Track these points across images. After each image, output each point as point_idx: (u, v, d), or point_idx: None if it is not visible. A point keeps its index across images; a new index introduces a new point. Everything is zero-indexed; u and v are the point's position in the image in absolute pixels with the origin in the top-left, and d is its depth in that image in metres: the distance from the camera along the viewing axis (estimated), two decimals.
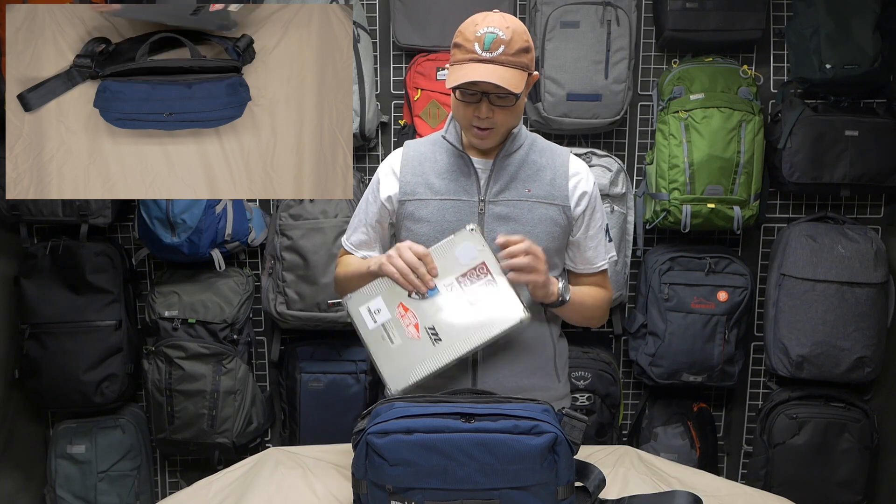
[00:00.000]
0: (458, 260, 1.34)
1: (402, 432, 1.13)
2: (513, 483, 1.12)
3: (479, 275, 1.33)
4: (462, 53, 1.39)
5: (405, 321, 1.33)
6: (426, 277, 1.33)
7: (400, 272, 1.32)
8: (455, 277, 1.33)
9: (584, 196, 1.53)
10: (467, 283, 1.33)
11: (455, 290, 1.33)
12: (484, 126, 1.43)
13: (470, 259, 1.34)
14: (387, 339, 1.33)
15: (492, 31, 1.37)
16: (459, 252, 1.34)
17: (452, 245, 1.35)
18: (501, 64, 1.36)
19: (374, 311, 1.34)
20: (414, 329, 1.32)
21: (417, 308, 1.33)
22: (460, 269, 1.34)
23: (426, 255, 1.34)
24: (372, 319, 1.34)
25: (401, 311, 1.34)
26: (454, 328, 1.32)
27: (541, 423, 1.14)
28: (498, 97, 1.40)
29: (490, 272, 1.33)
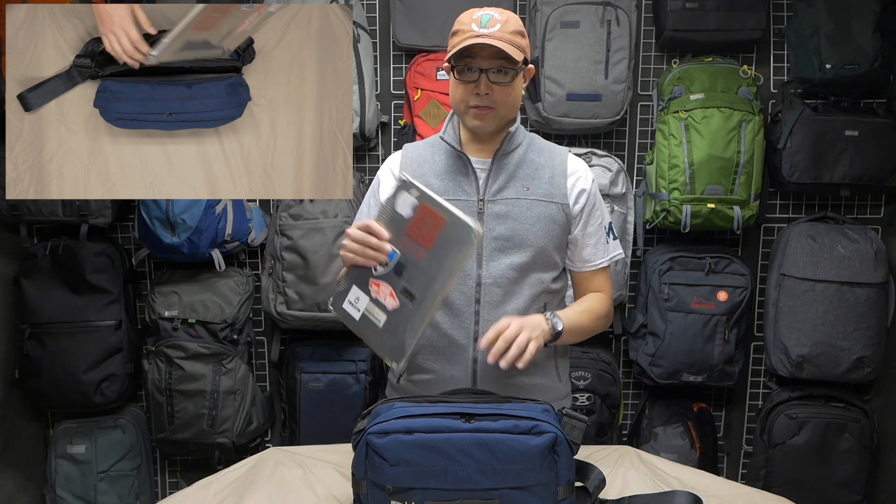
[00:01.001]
0: (402, 215, 1.33)
1: (402, 432, 1.13)
2: (513, 483, 1.12)
3: (424, 218, 1.31)
4: (459, 36, 1.43)
5: (381, 297, 1.34)
6: (380, 246, 1.31)
7: (356, 252, 1.32)
8: (405, 232, 1.32)
9: (582, 193, 1.53)
10: (417, 230, 1.32)
11: (410, 243, 1.32)
12: (483, 104, 1.43)
13: (411, 209, 1.32)
14: (373, 320, 1.35)
15: (487, 13, 1.42)
16: (399, 207, 1.33)
17: (391, 204, 1.34)
18: (499, 39, 1.39)
19: (353, 302, 1.37)
20: (391, 299, 1.33)
21: (386, 278, 1.34)
22: (407, 223, 1.32)
23: (370, 226, 1.32)
24: (355, 310, 1.36)
25: (374, 288, 1.35)
26: (421, 278, 1.31)
27: (541, 422, 1.13)
28: (495, 72, 1.41)
29: (433, 210, 1.30)
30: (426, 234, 1.31)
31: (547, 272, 1.51)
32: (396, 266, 1.33)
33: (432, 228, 1.31)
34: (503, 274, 1.47)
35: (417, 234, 1.32)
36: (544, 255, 1.49)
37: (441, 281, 1.30)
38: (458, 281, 1.47)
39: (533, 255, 1.48)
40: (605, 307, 1.57)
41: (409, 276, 1.32)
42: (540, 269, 1.50)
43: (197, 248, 2.36)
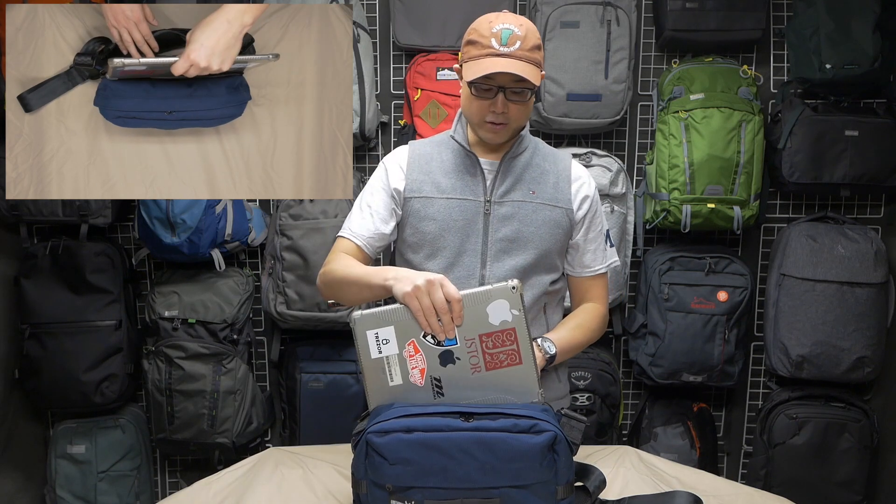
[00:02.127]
0: (488, 316, 1.19)
1: (401, 431, 1.13)
2: (512, 482, 1.12)
3: (504, 341, 1.19)
4: (478, 49, 1.40)
5: (412, 363, 1.21)
6: (449, 326, 1.18)
7: (424, 311, 1.18)
8: (478, 334, 1.20)
9: (585, 200, 1.54)
10: (489, 344, 1.20)
11: (474, 346, 1.20)
12: (499, 121, 1.43)
13: (500, 321, 1.19)
14: (387, 373, 1.22)
15: (508, 28, 1.39)
16: (492, 308, 1.19)
17: (487, 297, 1.20)
18: (519, 58, 1.38)
19: (381, 340, 1.21)
20: (419, 374, 1.21)
21: (429, 353, 1.20)
22: (486, 328, 1.19)
23: (458, 301, 1.18)
24: (377, 349, 1.21)
25: (410, 349, 1.21)
26: (460, 389, 1.21)
27: (540, 421, 1.14)
28: (514, 92, 1.41)
29: (517, 341, 1.19)
30: (495, 357, 1.20)
31: (548, 274, 1.52)
32: (445, 353, 1.20)
33: (504, 358, 1.20)
34: (506, 275, 1.47)
35: (486, 349, 1.20)
36: (547, 258, 1.50)
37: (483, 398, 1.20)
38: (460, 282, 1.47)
39: (536, 257, 1.48)
40: (599, 319, 1.56)
41: (450, 375, 1.21)
42: (542, 272, 1.51)
43: (197, 248, 2.36)
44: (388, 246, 1.57)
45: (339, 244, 1.52)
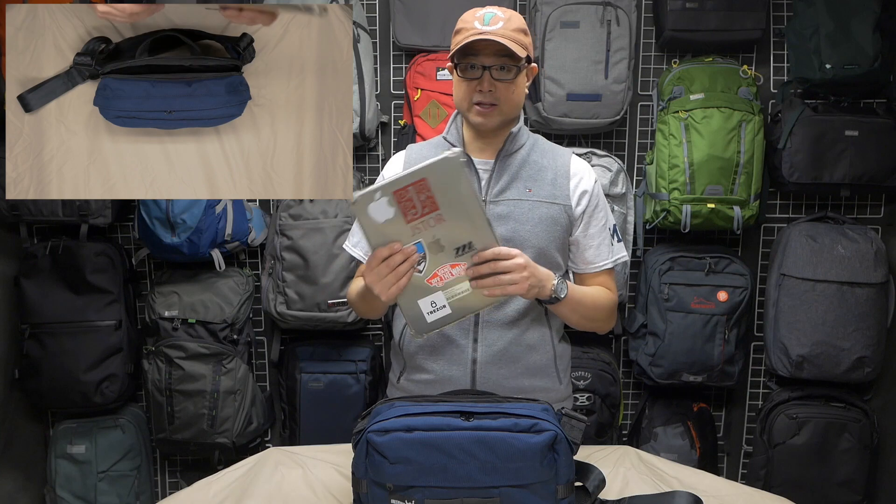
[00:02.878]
0: (389, 219, 1.22)
1: (402, 430, 1.13)
2: (513, 481, 1.12)
3: (408, 198, 1.21)
4: (462, 35, 1.43)
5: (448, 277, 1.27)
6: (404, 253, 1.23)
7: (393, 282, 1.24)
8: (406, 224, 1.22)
9: (584, 195, 1.53)
10: (413, 212, 1.22)
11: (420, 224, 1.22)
12: (486, 100, 1.43)
13: (388, 206, 1.22)
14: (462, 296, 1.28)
15: (490, 11, 1.43)
16: (378, 217, 1.23)
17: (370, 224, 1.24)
18: (502, 36, 1.39)
19: (433, 309, 1.29)
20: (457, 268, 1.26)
21: (434, 264, 1.26)
22: (400, 218, 1.22)
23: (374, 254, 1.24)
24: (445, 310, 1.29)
25: (436, 281, 1.27)
26: (461, 229, 1.24)
27: (540, 421, 1.14)
28: (498, 69, 1.41)
29: (408, 186, 1.20)
30: (424, 203, 1.21)
31: None
32: (430, 247, 1.24)
33: (423, 194, 1.20)
34: None
35: (417, 213, 1.22)
36: (546, 257, 1.49)
37: (474, 213, 1.23)
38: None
39: (535, 256, 1.48)
40: (610, 300, 1.56)
41: (448, 240, 1.24)
42: None
43: (197, 248, 2.36)
44: None
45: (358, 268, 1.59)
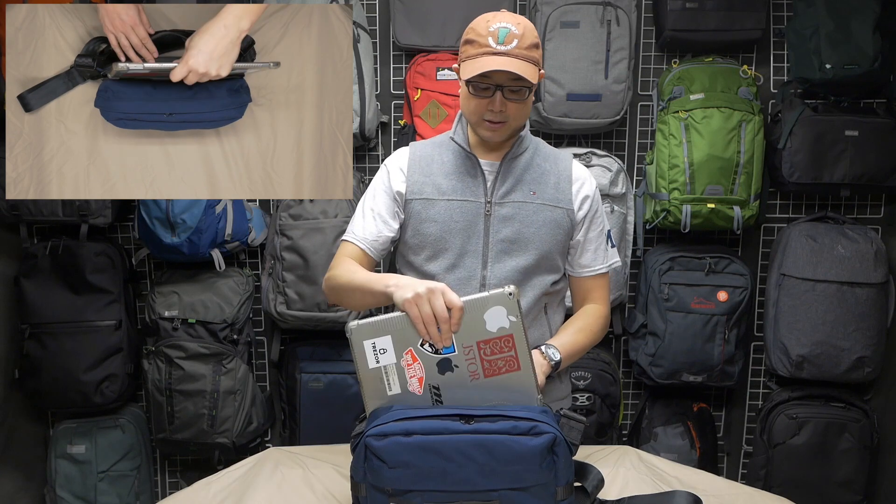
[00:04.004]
0: (485, 323, 1.18)
1: (400, 434, 1.13)
2: (512, 484, 1.12)
3: (501, 347, 1.19)
4: (475, 48, 1.40)
5: (409, 372, 1.19)
6: (448, 334, 1.18)
7: (424, 318, 1.17)
8: (476, 342, 1.19)
9: (586, 200, 1.54)
10: (487, 351, 1.19)
11: (472, 354, 1.19)
12: (497, 119, 1.43)
13: (497, 327, 1.18)
14: (384, 383, 1.20)
15: (505, 26, 1.39)
16: (489, 315, 1.18)
17: (484, 304, 1.19)
18: (516, 57, 1.37)
19: (378, 350, 1.19)
20: (417, 383, 1.19)
21: (427, 361, 1.19)
22: (484, 335, 1.19)
23: (458, 309, 1.18)
24: (374, 359, 1.19)
25: (408, 359, 1.20)
26: (459, 396, 1.20)
27: (539, 423, 1.13)
28: (511, 90, 1.40)
29: (514, 347, 1.18)
30: (493, 362, 1.19)
31: (549, 275, 1.52)
32: (443, 361, 1.19)
33: (502, 365, 1.19)
34: (507, 276, 1.47)
35: (485, 356, 1.19)
36: (548, 259, 1.50)
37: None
38: (462, 283, 1.47)
39: (537, 258, 1.48)
40: (601, 321, 1.56)
41: (449, 383, 1.19)
42: (543, 272, 1.51)
43: (197, 248, 2.36)
44: (392, 248, 1.57)
45: (344, 248, 1.53)
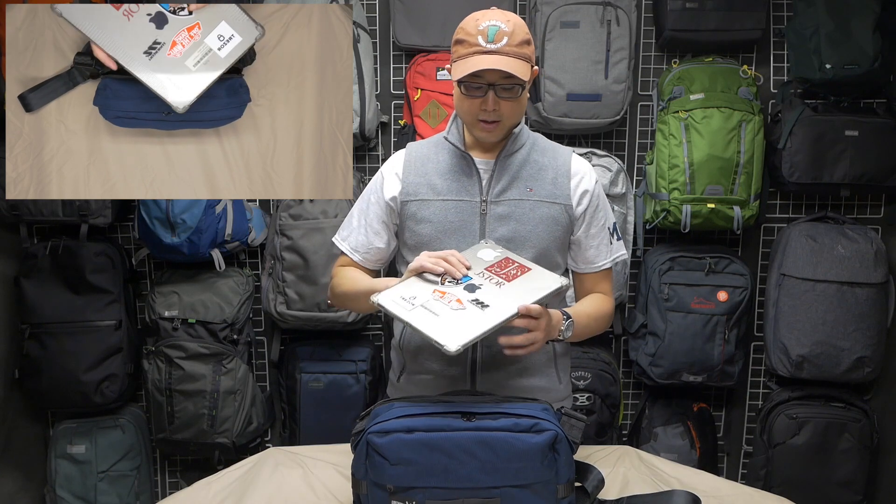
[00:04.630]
0: (482, 259, 1.36)
1: (402, 431, 1.13)
2: (513, 481, 1.12)
3: (505, 265, 1.35)
4: (465, 48, 1.40)
5: (446, 299, 1.28)
6: (459, 265, 1.32)
7: (434, 262, 1.32)
8: (484, 268, 1.34)
9: (585, 194, 1.52)
10: (497, 269, 1.34)
11: (487, 275, 1.33)
12: (490, 119, 1.42)
13: (493, 258, 1.36)
14: (431, 313, 1.25)
15: (494, 24, 1.38)
16: (481, 254, 1.37)
17: (473, 251, 1.38)
18: (506, 55, 1.37)
19: (409, 298, 1.28)
20: (457, 303, 1.27)
21: (454, 290, 1.29)
22: (486, 264, 1.35)
23: (452, 251, 1.35)
24: (409, 304, 1.27)
25: (438, 295, 1.29)
26: (499, 297, 1.29)
27: (541, 420, 1.14)
28: (503, 89, 1.40)
29: (515, 261, 1.36)
30: (508, 273, 1.34)
31: None
32: (468, 286, 1.30)
33: (515, 272, 1.34)
34: None
35: (498, 272, 1.34)
36: (547, 256, 1.49)
37: (519, 297, 1.28)
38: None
39: (535, 255, 1.47)
40: (609, 309, 1.57)
41: (482, 294, 1.29)
42: None
43: (197, 248, 2.36)
44: (388, 257, 1.59)
45: (341, 259, 1.60)
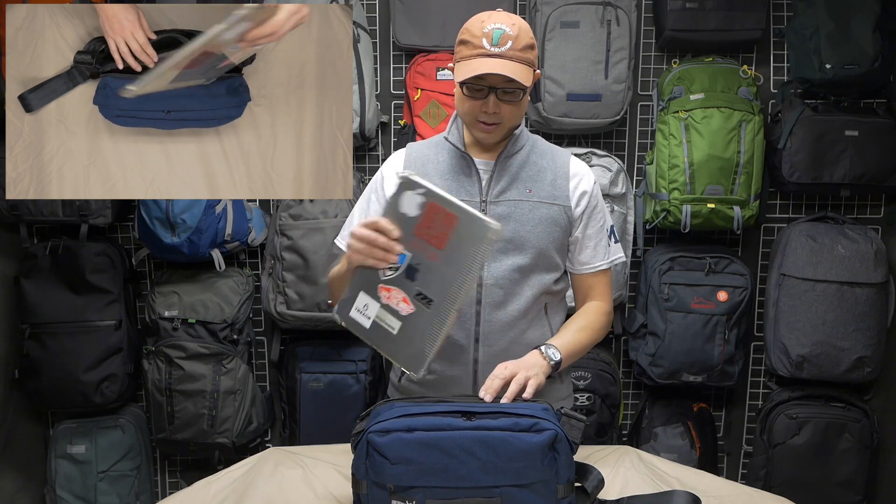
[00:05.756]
0: (408, 215, 1.25)
1: (402, 430, 1.13)
2: (514, 480, 1.12)
3: (432, 218, 1.24)
4: (469, 49, 1.39)
5: (392, 301, 1.26)
6: (389, 246, 1.25)
7: (367, 253, 1.26)
8: (413, 233, 1.25)
9: (583, 196, 1.53)
10: (426, 230, 1.24)
11: (420, 244, 1.24)
12: (491, 121, 1.43)
13: (418, 208, 1.24)
14: (386, 328, 1.26)
15: (499, 27, 1.38)
16: (405, 206, 1.25)
17: (395, 204, 1.26)
18: (510, 59, 1.37)
19: (362, 309, 1.28)
20: (404, 304, 1.25)
21: (397, 282, 1.26)
22: (414, 222, 1.25)
23: (378, 223, 1.25)
24: (365, 317, 1.28)
25: (385, 294, 1.27)
26: (437, 280, 1.24)
27: (541, 420, 1.14)
28: (505, 92, 1.40)
29: (441, 209, 1.23)
30: (438, 233, 1.24)
31: (548, 273, 1.51)
32: (408, 269, 1.25)
33: (444, 227, 1.23)
34: (505, 275, 1.47)
35: (428, 235, 1.24)
36: (546, 257, 1.49)
37: (459, 282, 1.24)
38: None
39: (535, 256, 1.48)
40: (603, 318, 1.56)
41: (423, 279, 1.25)
42: (541, 271, 1.50)
43: (197, 248, 2.36)
44: None
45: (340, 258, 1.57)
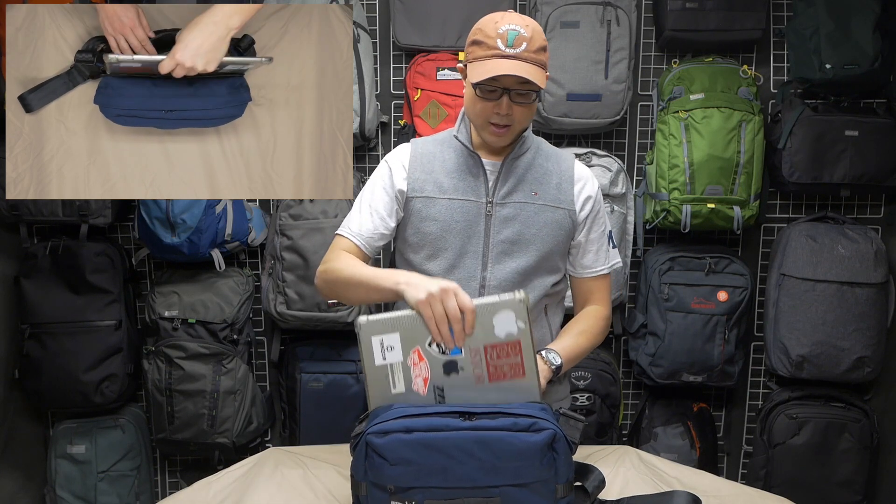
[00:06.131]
0: (494, 328, 1.20)
1: (401, 431, 1.13)
2: (513, 480, 1.12)
3: (508, 352, 1.20)
4: (483, 50, 1.38)
5: (415, 371, 1.21)
6: (459, 336, 1.19)
7: (437, 319, 1.18)
8: (484, 345, 1.20)
9: (588, 200, 1.53)
10: (494, 355, 1.20)
11: (478, 357, 1.20)
12: (503, 123, 1.42)
13: (505, 333, 1.20)
14: (389, 381, 1.21)
15: (514, 29, 1.37)
16: (498, 319, 1.20)
17: (494, 308, 1.21)
18: (525, 60, 1.36)
19: (386, 347, 1.20)
20: (422, 382, 1.21)
21: (433, 362, 1.20)
22: (492, 340, 1.20)
23: (471, 311, 1.19)
24: (381, 355, 1.21)
25: (415, 357, 1.21)
26: (461, 398, 1.21)
27: (539, 420, 1.14)
28: (519, 94, 1.39)
29: (521, 354, 1.20)
30: (499, 367, 1.21)
31: (550, 276, 1.52)
32: (449, 363, 1.20)
33: (508, 369, 1.21)
34: (507, 277, 1.47)
35: (491, 360, 1.20)
36: (548, 260, 1.49)
37: None
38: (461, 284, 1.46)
39: (538, 259, 1.48)
40: (602, 323, 1.56)
41: (453, 384, 1.21)
42: (543, 273, 1.50)
43: (197, 248, 2.36)
44: (386, 245, 1.56)
45: (338, 242, 1.51)
